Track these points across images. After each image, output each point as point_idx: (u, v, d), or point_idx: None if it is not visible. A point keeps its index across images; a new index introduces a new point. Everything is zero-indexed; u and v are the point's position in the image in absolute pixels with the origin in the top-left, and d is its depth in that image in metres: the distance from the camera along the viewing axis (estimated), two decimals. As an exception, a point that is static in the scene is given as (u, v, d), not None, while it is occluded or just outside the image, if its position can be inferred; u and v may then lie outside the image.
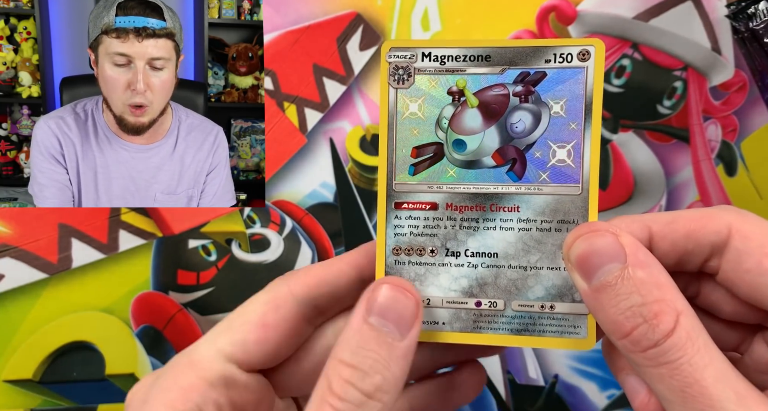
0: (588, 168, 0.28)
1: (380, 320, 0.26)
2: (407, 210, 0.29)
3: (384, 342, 0.26)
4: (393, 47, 0.29)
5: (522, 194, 0.29)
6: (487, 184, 0.29)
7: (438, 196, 0.29)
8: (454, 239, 0.29)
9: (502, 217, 0.29)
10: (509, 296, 0.29)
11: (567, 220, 0.29)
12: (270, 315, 0.29)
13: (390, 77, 0.29)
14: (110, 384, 0.54)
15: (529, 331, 0.29)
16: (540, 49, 0.28)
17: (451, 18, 0.54)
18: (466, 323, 0.29)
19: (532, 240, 0.29)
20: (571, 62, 0.28)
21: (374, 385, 0.25)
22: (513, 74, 0.28)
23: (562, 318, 0.29)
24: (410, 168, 0.29)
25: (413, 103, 0.29)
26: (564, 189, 0.29)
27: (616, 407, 0.55)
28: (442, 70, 0.29)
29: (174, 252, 0.54)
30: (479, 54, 0.29)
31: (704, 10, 0.53)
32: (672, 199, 0.54)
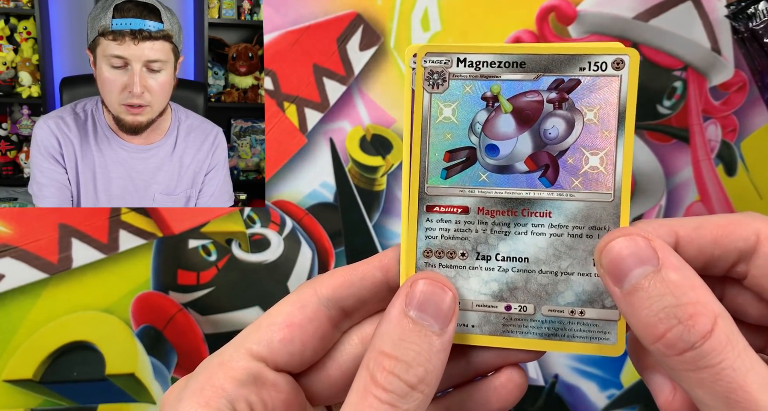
0: (620, 175, 0.29)
1: (420, 314, 0.27)
2: (439, 213, 0.30)
3: (425, 335, 0.26)
4: (429, 52, 0.29)
5: (554, 200, 0.29)
6: (519, 189, 0.29)
7: (470, 200, 0.29)
8: (485, 243, 0.29)
9: (533, 222, 0.29)
10: (539, 301, 0.29)
11: (598, 227, 0.29)
12: (295, 315, 0.29)
13: (425, 82, 0.30)
14: (110, 384, 0.54)
15: (558, 336, 0.29)
16: (575, 57, 0.28)
17: (451, 18, 0.54)
18: (496, 327, 0.30)
19: (564, 246, 0.29)
20: (606, 70, 0.29)
21: (417, 377, 0.26)
22: (547, 81, 0.29)
23: (592, 324, 0.29)
24: (442, 171, 0.30)
25: (447, 107, 0.30)
26: (596, 196, 0.29)
27: (615, 407, 0.55)
28: (476, 76, 0.29)
29: (174, 252, 0.54)
30: (514, 60, 0.29)
31: (704, 10, 0.53)
32: (672, 199, 0.54)
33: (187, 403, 0.27)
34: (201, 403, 0.27)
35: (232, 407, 0.27)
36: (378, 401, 0.25)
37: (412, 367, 0.26)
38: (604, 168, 0.29)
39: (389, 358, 0.26)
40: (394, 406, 0.25)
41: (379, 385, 0.26)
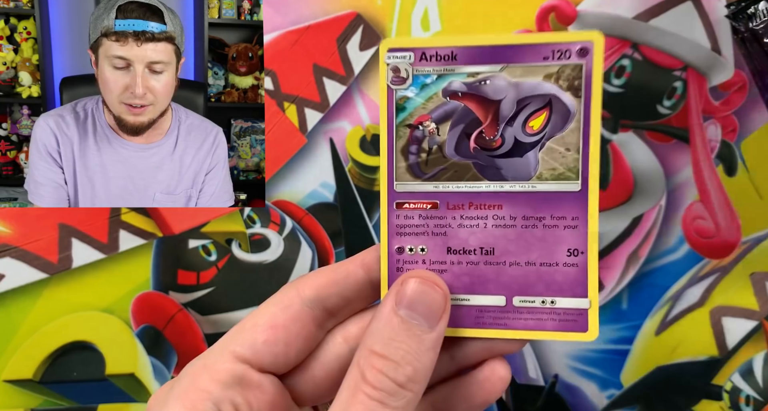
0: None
1: (410, 313, 0.27)
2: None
3: (414, 334, 0.27)
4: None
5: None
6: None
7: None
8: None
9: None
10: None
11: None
12: (279, 316, 0.30)
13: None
14: (110, 384, 0.54)
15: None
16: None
17: (451, 18, 0.54)
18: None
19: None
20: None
21: (406, 376, 0.26)
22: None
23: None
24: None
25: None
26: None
27: (615, 407, 0.55)
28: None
29: (174, 252, 0.54)
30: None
31: (704, 10, 0.53)
32: (672, 199, 0.54)
33: (172, 406, 0.27)
34: (186, 406, 0.27)
35: (218, 409, 0.27)
36: (368, 399, 0.26)
37: (401, 365, 0.26)
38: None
39: (379, 356, 0.26)
40: (384, 404, 0.26)
41: (369, 383, 0.26)
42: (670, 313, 0.55)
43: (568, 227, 0.29)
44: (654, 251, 0.54)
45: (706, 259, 0.55)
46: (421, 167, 0.29)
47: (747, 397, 0.54)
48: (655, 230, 0.54)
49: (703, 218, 0.54)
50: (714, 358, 0.54)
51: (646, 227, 0.54)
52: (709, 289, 0.55)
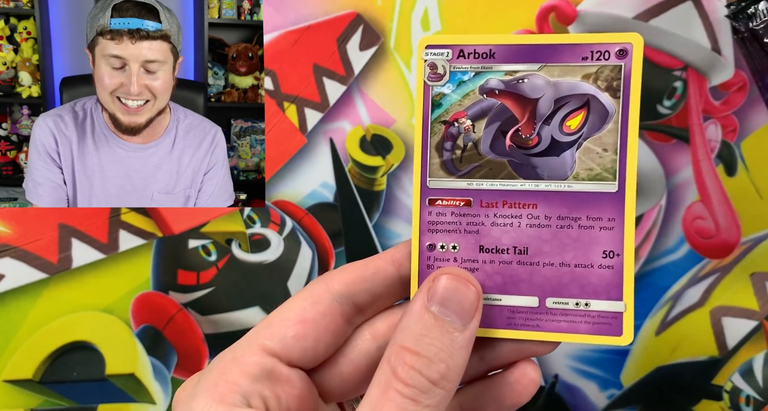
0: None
1: (442, 309, 0.27)
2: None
3: (446, 331, 0.26)
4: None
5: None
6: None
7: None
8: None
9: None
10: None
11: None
12: (308, 311, 0.29)
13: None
14: (110, 384, 0.54)
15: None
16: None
17: (451, 18, 0.54)
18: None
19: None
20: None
21: (439, 373, 0.26)
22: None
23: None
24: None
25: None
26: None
27: (615, 407, 0.55)
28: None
29: (174, 252, 0.54)
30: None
31: (704, 10, 0.53)
32: (672, 199, 0.54)
33: (201, 399, 0.27)
34: (216, 398, 0.27)
35: (247, 402, 0.27)
36: (400, 396, 0.25)
37: (434, 362, 0.26)
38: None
39: (411, 353, 0.26)
40: (416, 402, 0.26)
41: (401, 380, 0.26)
42: (670, 313, 0.55)
43: (604, 228, 0.28)
44: (654, 251, 0.54)
45: (706, 259, 0.55)
46: (455, 164, 0.29)
47: (747, 397, 0.54)
48: (655, 230, 0.54)
49: (703, 218, 0.54)
50: (714, 358, 0.54)
51: (646, 227, 0.54)
52: (710, 289, 0.54)
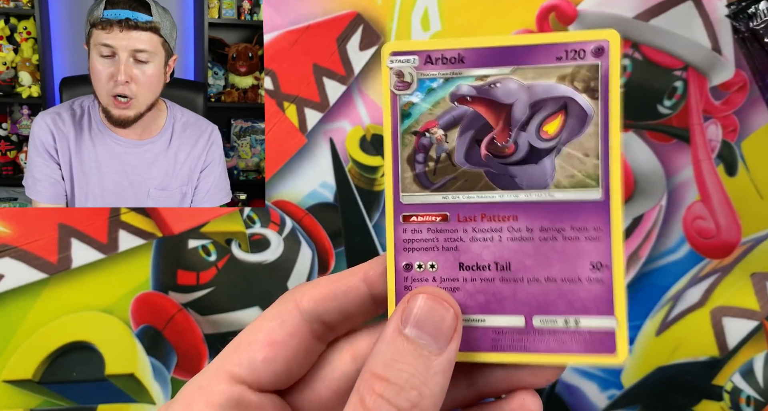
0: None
1: (416, 332, 0.25)
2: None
3: (420, 355, 0.25)
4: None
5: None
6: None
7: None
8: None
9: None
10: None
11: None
12: (277, 332, 0.28)
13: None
14: (110, 384, 0.54)
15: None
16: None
17: (451, 18, 0.54)
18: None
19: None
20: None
21: (410, 402, 0.24)
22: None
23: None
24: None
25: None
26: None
27: (616, 407, 0.55)
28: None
29: (174, 252, 0.54)
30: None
31: (704, 9, 0.53)
32: (672, 199, 0.54)
33: None
34: None
35: None
36: None
37: (405, 390, 0.24)
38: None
39: (380, 380, 0.24)
40: None
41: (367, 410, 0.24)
42: (670, 313, 0.55)
43: (590, 239, 0.27)
44: (654, 251, 0.54)
45: (706, 260, 0.54)
46: (429, 177, 0.27)
47: (747, 398, 0.54)
48: (655, 230, 0.54)
49: (703, 218, 0.54)
50: (714, 358, 0.54)
51: (647, 227, 0.54)
52: (710, 289, 0.54)
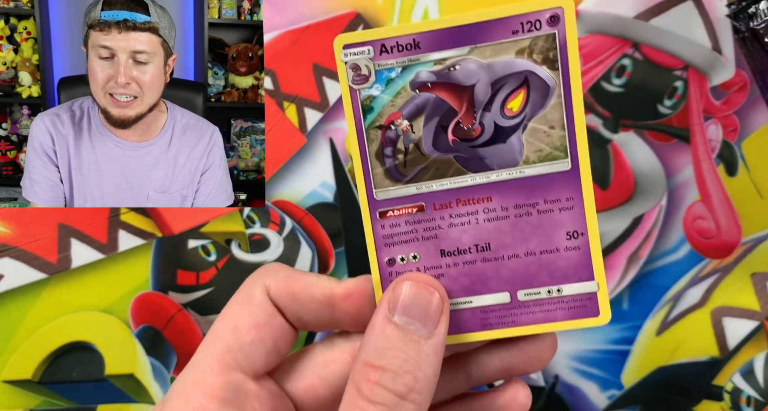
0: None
1: (404, 318, 0.25)
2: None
3: (411, 340, 0.25)
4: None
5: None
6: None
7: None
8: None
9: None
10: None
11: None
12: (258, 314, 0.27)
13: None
14: (110, 384, 0.54)
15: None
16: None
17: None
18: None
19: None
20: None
21: (407, 386, 0.24)
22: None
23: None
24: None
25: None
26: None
27: (616, 408, 0.55)
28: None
29: (173, 252, 0.54)
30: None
31: (705, 9, 0.53)
32: (672, 199, 0.54)
33: None
34: None
35: None
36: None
37: (400, 375, 0.24)
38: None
39: (374, 368, 0.24)
40: None
41: (365, 398, 0.24)
42: (670, 313, 0.55)
43: (564, 209, 0.27)
44: (654, 251, 0.54)
45: (706, 260, 0.54)
46: (400, 169, 0.27)
47: (748, 398, 0.54)
48: (655, 230, 0.54)
49: (703, 218, 0.54)
50: (715, 358, 0.54)
51: (647, 227, 0.54)
52: (710, 289, 0.54)
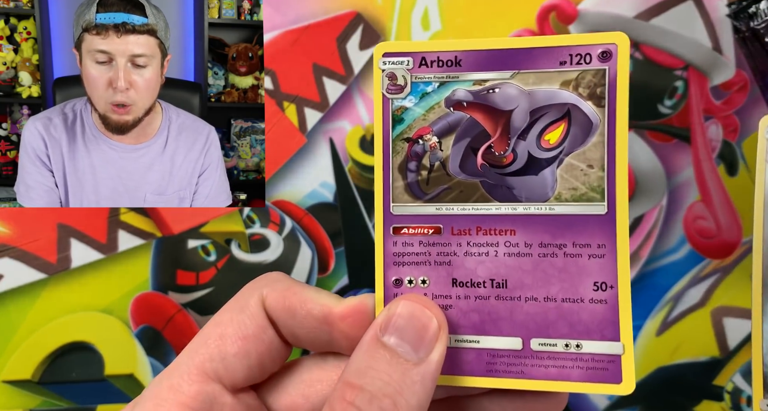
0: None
1: (395, 340, 0.24)
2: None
3: (397, 363, 0.23)
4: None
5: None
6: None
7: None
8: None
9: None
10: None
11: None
12: (248, 325, 0.26)
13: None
14: (109, 384, 0.54)
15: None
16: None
17: (451, 17, 0.54)
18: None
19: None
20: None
21: (382, 410, 0.22)
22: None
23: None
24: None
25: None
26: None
27: (616, 407, 0.55)
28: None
29: (173, 252, 0.54)
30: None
31: (705, 9, 0.53)
32: (673, 199, 0.54)
33: None
34: None
35: None
36: None
37: (377, 398, 0.22)
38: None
39: (352, 387, 0.23)
40: None
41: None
42: (671, 313, 0.54)
43: (594, 256, 0.25)
44: (655, 251, 0.54)
45: (707, 260, 0.54)
46: (422, 186, 0.26)
47: (748, 398, 0.54)
48: (656, 230, 0.54)
49: (704, 218, 0.54)
50: (715, 358, 0.54)
51: (647, 227, 0.54)
52: (711, 289, 0.54)
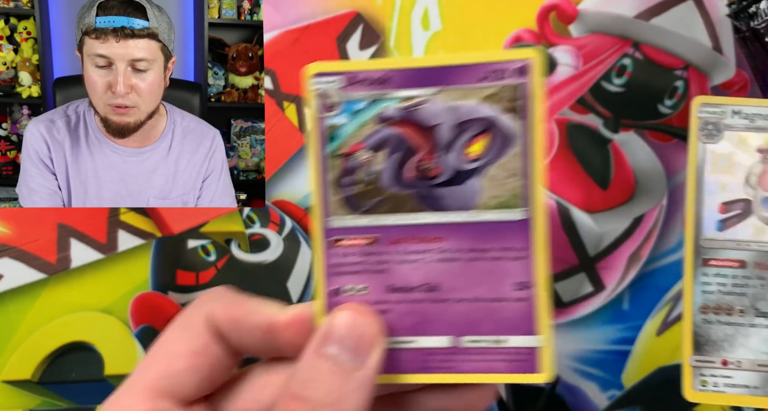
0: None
1: (335, 349, 0.24)
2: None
3: (338, 372, 0.24)
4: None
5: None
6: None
7: (746, 253, 0.28)
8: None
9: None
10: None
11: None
12: (196, 340, 0.27)
13: (700, 132, 0.29)
14: (109, 385, 0.54)
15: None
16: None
17: (451, 17, 0.54)
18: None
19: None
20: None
21: None
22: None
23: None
24: (718, 224, 0.29)
25: (721, 159, 0.29)
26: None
27: (617, 408, 0.55)
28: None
29: (173, 252, 0.54)
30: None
31: (705, 9, 0.53)
32: (673, 199, 0.54)
33: None
34: None
35: None
36: None
37: (320, 407, 0.23)
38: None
39: (295, 399, 0.23)
40: None
41: None
42: (671, 313, 0.54)
43: (515, 259, 0.27)
44: (655, 251, 0.54)
45: (707, 260, 0.54)
46: (357, 200, 0.27)
47: (749, 398, 0.54)
48: (656, 230, 0.54)
49: (704, 218, 0.54)
50: (715, 358, 0.54)
51: (648, 227, 0.54)
52: (711, 289, 0.54)
